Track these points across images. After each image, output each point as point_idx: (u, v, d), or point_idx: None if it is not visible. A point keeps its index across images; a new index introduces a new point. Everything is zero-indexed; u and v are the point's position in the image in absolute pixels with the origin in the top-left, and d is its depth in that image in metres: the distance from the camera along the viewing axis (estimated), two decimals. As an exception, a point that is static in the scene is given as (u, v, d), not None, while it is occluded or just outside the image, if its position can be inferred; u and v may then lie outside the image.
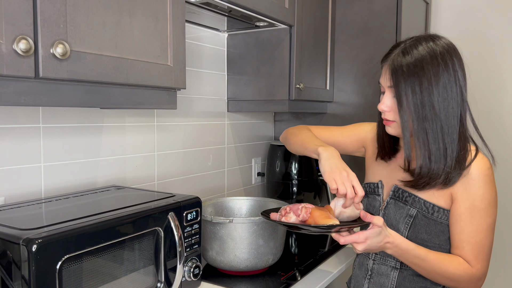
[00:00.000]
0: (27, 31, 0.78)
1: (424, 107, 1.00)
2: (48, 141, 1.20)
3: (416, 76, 1.00)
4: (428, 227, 1.08)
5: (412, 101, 1.01)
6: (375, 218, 0.95)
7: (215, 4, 1.35)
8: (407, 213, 1.10)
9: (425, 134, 1.02)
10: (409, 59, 1.02)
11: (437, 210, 1.07)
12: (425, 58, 1.01)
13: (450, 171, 1.03)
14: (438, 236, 1.09)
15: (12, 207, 1.00)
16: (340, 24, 2.05)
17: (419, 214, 1.08)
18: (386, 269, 1.15)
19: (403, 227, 1.10)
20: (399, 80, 1.02)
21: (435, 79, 1.00)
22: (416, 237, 1.09)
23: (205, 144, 1.80)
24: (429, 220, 1.08)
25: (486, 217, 1.04)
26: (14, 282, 0.77)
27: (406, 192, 1.11)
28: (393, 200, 1.14)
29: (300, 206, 1.09)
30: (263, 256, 1.29)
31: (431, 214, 1.07)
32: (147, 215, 0.98)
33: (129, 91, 1.02)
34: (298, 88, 1.72)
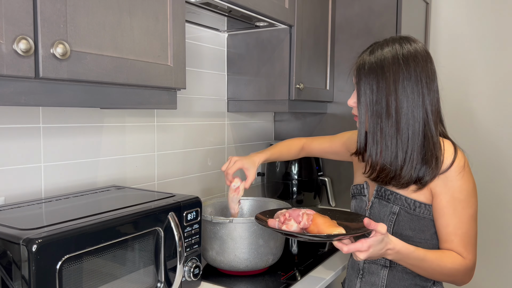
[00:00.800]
0: (27, 31, 0.78)
1: (378, 105, 1.05)
2: (48, 141, 1.20)
3: (374, 75, 1.06)
4: (411, 223, 1.10)
5: (368, 98, 1.07)
6: (379, 226, 0.94)
7: (215, 4, 1.35)
8: (391, 211, 1.12)
9: (378, 131, 1.07)
10: (372, 58, 1.08)
11: (418, 206, 1.09)
12: (387, 59, 1.05)
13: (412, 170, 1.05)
14: (423, 231, 1.11)
15: (12, 207, 1.00)
16: (340, 24, 2.05)
17: (401, 211, 1.11)
18: (376, 268, 1.17)
19: (388, 225, 1.13)
20: (360, 77, 1.09)
21: (393, 80, 1.04)
22: (401, 233, 1.11)
23: (205, 144, 1.80)
24: (412, 216, 1.10)
25: (468, 207, 1.06)
26: (14, 282, 0.77)
27: (388, 191, 1.13)
28: (377, 199, 1.17)
29: (300, 212, 1.06)
30: (263, 256, 1.29)
31: (413, 210, 1.10)
32: (147, 215, 0.98)
33: (129, 91, 1.02)
34: (298, 88, 1.72)
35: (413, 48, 1.07)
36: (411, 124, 1.04)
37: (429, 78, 1.06)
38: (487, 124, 2.25)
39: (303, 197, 2.02)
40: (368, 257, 0.96)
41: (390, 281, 1.15)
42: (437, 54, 2.35)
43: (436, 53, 2.35)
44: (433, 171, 1.05)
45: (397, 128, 1.05)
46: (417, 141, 1.05)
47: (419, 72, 1.05)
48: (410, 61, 1.05)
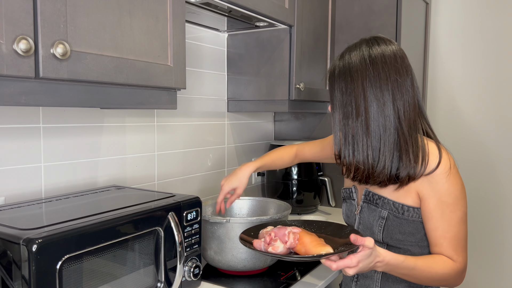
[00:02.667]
0: (27, 31, 0.78)
1: (348, 106, 1.07)
2: (48, 141, 1.20)
3: (343, 78, 1.07)
4: (401, 227, 1.10)
5: (339, 101, 1.08)
6: (366, 240, 0.94)
7: (215, 4, 1.35)
8: (379, 215, 1.12)
9: (349, 131, 1.07)
10: (341, 63, 1.09)
11: (406, 210, 1.09)
12: (355, 61, 1.07)
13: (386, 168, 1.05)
14: (413, 234, 1.10)
15: (12, 207, 1.00)
16: (340, 24, 2.05)
17: (390, 215, 1.11)
18: (370, 271, 1.17)
19: (377, 230, 1.13)
20: (331, 82, 1.11)
21: (361, 81, 1.05)
22: (391, 237, 1.11)
23: (205, 144, 1.80)
24: (400, 220, 1.10)
25: (456, 210, 1.06)
26: (14, 282, 0.78)
27: (376, 195, 1.13)
28: (366, 203, 1.17)
29: (286, 231, 1.03)
30: (261, 256, 1.29)
31: (402, 214, 1.09)
32: (147, 215, 0.98)
33: (129, 91, 1.02)
34: (298, 88, 1.72)
35: (381, 49, 1.07)
36: (382, 123, 1.04)
37: (401, 76, 1.05)
38: (488, 123, 2.25)
39: (303, 197, 2.02)
40: (358, 272, 0.96)
41: (384, 284, 1.15)
42: (437, 54, 2.35)
43: (436, 53, 2.35)
44: (406, 167, 1.04)
45: (367, 127, 1.05)
46: (390, 139, 1.04)
47: (387, 71, 1.05)
48: (378, 61, 1.05)
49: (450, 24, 2.32)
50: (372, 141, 1.05)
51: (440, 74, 2.35)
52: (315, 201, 2.07)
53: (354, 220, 1.21)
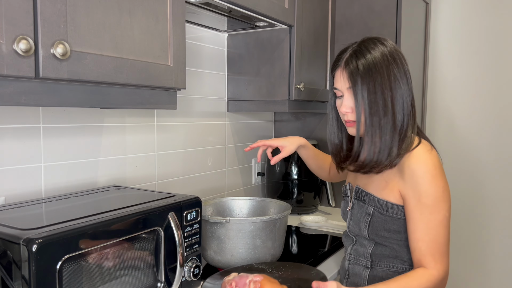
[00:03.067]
0: (27, 31, 0.78)
1: (377, 104, 1.05)
2: (48, 141, 1.20)
3: (371, 75, 1.05)
4: (385, 224, 1.12)
5: (367, 99, 1.06)
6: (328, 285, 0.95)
7: (215, 4, 1.35)
8: (366, 212, 1.15)
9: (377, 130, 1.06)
10: (363, 60, 1.07)
11: (390, 207, 1.11)
12: (377, 57, 1.06)
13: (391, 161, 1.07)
14: (399, 232, 1.11)
15: (12, 207, 1.00)
16: (340, 24, 2.05)
17: (375, 212, 1.13)
18: (359, 269, 1.19)
19: (363, 226, 1.15)
20: (356, 80, 1.07)
21: (387, 77, 1.05)
22: (376, 234, 1.13)
23: (205, 144, 1.80)
24: (385, 217, 1.11)
25: (435, 213, 1.04)
26: (14, 282, 0.78)
27: (364, 192, 1.16)
28: (356, 200, 1.19)
29: (247, 280, 1.01)
30: (261, 256, 1.29)
31: (386, 211, 1.11)
32: (147, 215, 0.98)
33: (129, 91, 1.02)
34: (298, 88, 1.72)
35: (393, 46, 1.10)
36: (406, 117, 1.07)
37: (408, 73, 1.09)
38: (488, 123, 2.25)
39: (303, 197, 2.02)
40: None
41: (371, 282, 1.16)
42: (437, 54, 2.35)
43: (436, 53, 2.35)
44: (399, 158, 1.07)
45: (394, 123, 1.06)
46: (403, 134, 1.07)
47: (404, 67, 1.08)
48: (396, 57, 1.07)
49: (450, 24, 2.32)
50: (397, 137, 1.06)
51: (440, 74, 2.35)
52: (315, 201, 2.07)
53: (347, 217, 1.23)
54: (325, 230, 1.80)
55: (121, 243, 0.92)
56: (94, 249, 0.86)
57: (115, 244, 0.91)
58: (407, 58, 1.12)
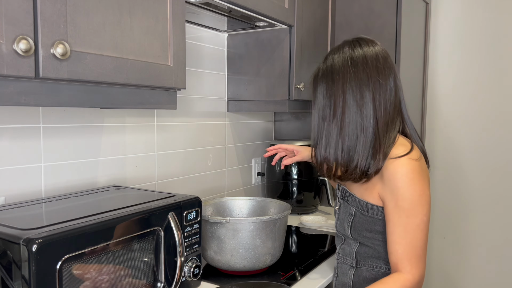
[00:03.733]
0: (27, 31, 0.78)
1: (327, 108, 1.09)
2: (48, 141, 1.20)
3: (325, 81, 1.10)
4: (367, 224, 1.13)
5: (320, 104, 1.11)
6: None
7: (215, 4, 1.35)
8: (349, 212, 1.17)
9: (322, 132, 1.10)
10: (324, 66, 1.12)
11: (370, 207, 1.12)
12: (337, 64, 1.09)
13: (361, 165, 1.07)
14: (381, 233, 1.12)
15: (12, 207, 1.00)
16: (340, 24, 2.05)
17: (357, 212, 1.15)
18: (346, 268, 1.21)
19: (346, 225, 1.18)
20: (314, 84, 1.13)
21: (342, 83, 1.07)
22: (358, 234, 1.15)
23: (205, 144, 1.80)
24: (366, 217, 1.13)
25: (412, 216, 1.04)
26: (14, 282, 0.78)
27: (347, 192, 1.18)
28: (342, 200, 1.22)
29: None
30: (261, 256, 1.29)
31: (366, 212, 1.13)
32: (147, 215, 0.98)
33: (129, 91, 1.02)
34: (298, 88, 1.72)
35: (363, 50, 1.10)
36: (359, 123, 1.06)
37: (382, 76, 1.07)
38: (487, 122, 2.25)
39: (303, 197, 2.03)
40: None
41: (355, 281, 1.18)
42: (437, 54, 2.35)
43: (436, 53, 2.35)
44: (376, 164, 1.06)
45: (341, 128, 1.07)
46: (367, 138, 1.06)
47: (368, 72, 1.07)
48: (359, 62, 1.08)
49: (450, 24, 2.32)
50: (348, 141, 1.07)
51: (440, 74, 2.35)
52: (315, 201, 2.07)
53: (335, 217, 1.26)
54: (325, 230, 1.80)
55: (121, 243, 0.92)
56: (94, 249, 0.86)
57: (115, 244, 0.91)
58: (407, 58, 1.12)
